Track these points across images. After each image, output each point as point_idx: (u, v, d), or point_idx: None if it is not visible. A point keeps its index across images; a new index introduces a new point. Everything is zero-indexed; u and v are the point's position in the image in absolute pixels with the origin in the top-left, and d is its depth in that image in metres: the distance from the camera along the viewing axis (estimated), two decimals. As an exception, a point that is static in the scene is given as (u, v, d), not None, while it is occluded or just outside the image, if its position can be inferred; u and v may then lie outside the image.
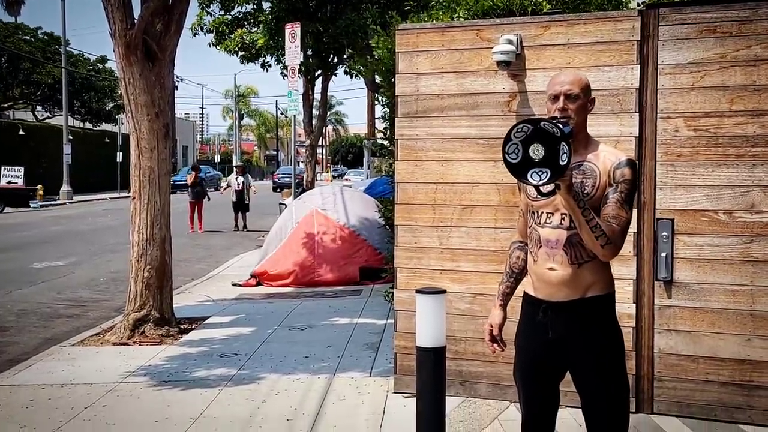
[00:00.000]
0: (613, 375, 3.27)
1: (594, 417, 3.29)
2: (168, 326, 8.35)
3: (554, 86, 3.32)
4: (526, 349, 3.42)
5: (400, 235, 5.97)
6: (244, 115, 77.93)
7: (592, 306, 3.26)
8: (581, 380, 3.31)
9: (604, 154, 3.28)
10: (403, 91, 5.93)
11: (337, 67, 23.10)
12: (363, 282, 11.82)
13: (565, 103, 3.26)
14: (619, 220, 3.15)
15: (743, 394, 5.16)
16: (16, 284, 12.41)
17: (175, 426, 5.41)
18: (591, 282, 3.25)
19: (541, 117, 2.96)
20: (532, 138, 2.93)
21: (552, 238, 3.27)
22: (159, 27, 8.32)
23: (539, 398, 3.44)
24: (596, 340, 3.26)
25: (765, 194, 5.08)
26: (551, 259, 3.27)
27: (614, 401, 3.27)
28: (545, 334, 3.32)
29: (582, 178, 3.22)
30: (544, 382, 3.41)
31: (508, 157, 2.97)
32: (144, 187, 8.33)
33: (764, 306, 5.10)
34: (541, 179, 2.92)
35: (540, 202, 3.29)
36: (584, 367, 3.28)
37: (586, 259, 3.23)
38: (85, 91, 43.92)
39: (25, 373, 6.95)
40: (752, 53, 5.08)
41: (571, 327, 3.27)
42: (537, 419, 3.46)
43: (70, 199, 34.55)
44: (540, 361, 3.38)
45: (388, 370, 6.53)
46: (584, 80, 3.35)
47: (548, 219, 3.28)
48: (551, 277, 3.28)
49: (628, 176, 3.19)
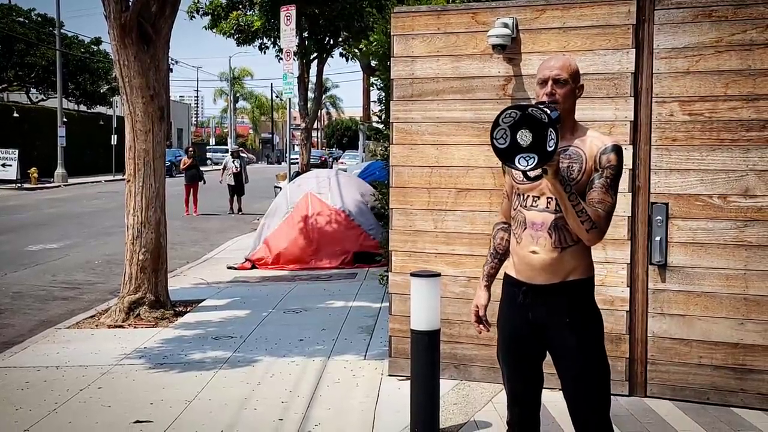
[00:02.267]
0: (594, 357, 3.29)
1: (575, 399, 3.32)
2: (163, 309, 8.36)
3: (543, 71, 3.33)
4: (507, 329, 3.44)
5: (395, 219, 5.98)
6: (239, 98, 77.67)
7: (573, 290, 3.29)
8: (561, 363, 3.33)
9: (590, 139, 3.29)
10: (399, 75, 5.92)
11: (333, 50, 23.07)
12: (358, 265, 11.84)
13: (553, 88, 3.27)
14: (604, 205, 3.17)
15: (736, 377, 5.19)
16: (10, 267, 12.40)
17: (171, 408, 5.43)
18: (572, 267, 3.27)
19: (528, 104, 2.98)
20: (519, 123, 2.95)
21: (537, 221, 3.28)
22: (154, 9, 8.28)
23: (522, 378, 3.46)
24: (576, 323, 3.28)
25: (759, 179, 5.10)
26: (535, 242, 3.29)
27: (595, 383, 3.29)
28: (526, 316, 3.35)
29: (569, 162, 3.23)
30: (526, 361, 3.43)
31: (496, 142, 3.00)
32: (139, 169, 8.31)
33: (757, 290, 5.12)
34: (529, 164, 2.95)
35: (526, 186, 3.30)
36: (564, 349, 3.30)
37: (570, 243, 3.25)
38: (79, 74, 43.64)
39: (20, 355, 6.96)
40: (747, 37, 5.08)
41: (551, 310, 3.29)
42: (521, 399, 3.48)
43: (64, 182, 34.43)
44: (521, 341, 3.40)
45: (382, 353, 6.55)
46: (573, 66, 3.36)
47: (534, 202, 3.30)
48: (533, 260, 3.29)
49: (614, 162, 3.20)
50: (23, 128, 36.42)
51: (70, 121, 38.45)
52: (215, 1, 20.10)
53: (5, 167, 31.70)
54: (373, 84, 12.29)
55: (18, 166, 31.77)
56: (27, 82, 43.27)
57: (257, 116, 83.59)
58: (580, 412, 3.32)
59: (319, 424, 5.11)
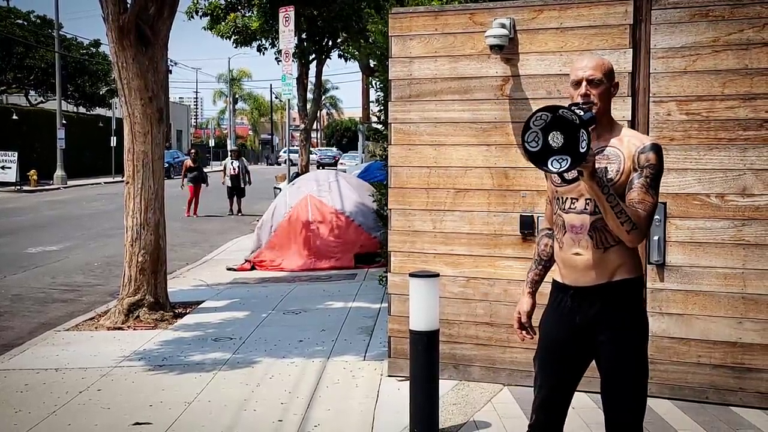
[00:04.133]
0: (637, 359, 3.23)
1: (615, 399, 3.25)
2: (162, 310, 8.37)
3: (576, 71, 3.27)
4: (552, 333, 3.37)
5: (393, 219, 5.98)
6: (238, 99, 77.59)
7: (620, 290, 3.22)
8: (606, 361, 3.25)
9: (628, 138, 3.24)
10: (397, 75, 5.93)
11: (332, 51, 23.07)
12: (358, 266, 11.84)
13: (587, 89, 3.22)
14: (645, 205, 3.10)
15: (735, 376, 5.20)
16: (10, 269, 12.40)
17: (170, 410, 5.43)
18: (617, 266, 3.20)
19: (559, 105, 2.96)
20: (551, 126, 2.91)
21: (576, 224, 3.23)
22: (152, 11, 8.28)
23: (558, 382, 3.37)
24: (624, 324, 3.22)
25: (757, 178, 5.10)
26: (576, 245, 3.23)
27: (636, 385, 3.23)
28: (573, 320, 3.28)
29: (606, 163, 3.18)
30: (567, 368, 3.35)
31: (528, 146, 2.94)
32: (138, 171, 8.31)
33: (755, 289, 5.13)
34: (562, 167, 2.90)
35: (564, 188, 3.25)
36: (610, 348, 3.22)
37: (612, 243, 3.18)
38: (78, 76, 43.63)
39: (19, 357, 6.96)
40: (744, 37, 5.09)
41: (599, 311, 3.22)
42: (550, 404, 3.40)
43: (64, 184, 34.41)
44: (564, 346, 3.32)
45: (382, 353, 6.55)
46: (607, 65, 3.30)
47: (572, 204, 3.24)
48: (577, 262, 3.24)
49: (653, 161, 3.14)
50: (22, 130, 36.42)
51: (70, 123, 38.46)
52: (214, 2, 20.10)
53: (4, 169, 31.67)
54: (372, 84, 12.30)
55: (17, 169, 31.75)
56: (26, 84, 43.28)
57: (256, 117, 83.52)
58: (618, 412, 3.25)
59: (319, 425, 5.11)
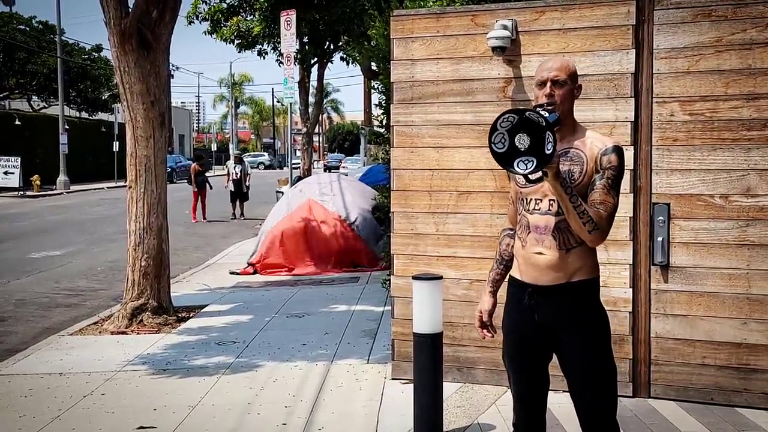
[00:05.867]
0: (600, 357, 3.28)
1: (583, 400, 3.31)
2: (166, 315, 8.37)
3: (541, 72, 3.33)
4: (513, 332, 3.44)
5: (396, 222, 5.97)
6: (240, 103, 77.65)
7: (578, 290, 3.28)
8: (568, 363, 3.32)
9: (591, 140, 3.29)
10: (399, 78, 5.92)
11: (334, 55, 23.08)
12: (360, 269, 11.83)
13: (551, 89, 3.27)
14: (606, 206, 3.16)
15: (740, 377, 5.18)
16: (13, 274, 12.41)
17: (174, 414, 5.43)
18: (577, 267, 3.27)
19: (526, 107, 2.99)
20: (517, 127, 2.95)
21: (541, 224, 3.28)
22: (154, 15, 8.29)
23: (528, 380, 3.45)
24: (582, 323, 3.28)
25: (761, 178, 5.09)
26: (540, 244, 3.28)
27: (602, 383, 3.28)
28: (532, 318, 3.34)
29: (569, 164, 3.23)
30: (532, 364, 3.42)
31: (494, 147, 3.00)
32: (140, 176, 8.32)
33: (760, 289, 5.11)
34: (528, 168, 2.95)
35: (528, 189, 3.31)
36: (571, 349, 3.29)
37: (574, 244, 3.25)
38: (80, 81, 43.69)
39: (23, 362, 6.96)
40: (747, 36, 5.07)
41: (557, 310, 3.29)
42: (527, 401, 3.47)
43: (67, 189, 34.46)
44: (527, 343, 3.39)
45: (385, 356, 6.54)
46: (571, 67, 3.36)
47: (537, 205, 3.30)
48: (539, 261, 3.29)
49: (615, 162, 3.20)
50: (25, 136, 36.46)
51: (72, 128, 38.49)
52: (215, 7, 20.12)
53: (8, 175, 31.70)
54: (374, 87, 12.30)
55: (20, 174, 31.77)
56: (28, 90, 43.34)
57: (258, 121, 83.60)
58: (587, 413, 3.31)
59: (323, 428, 5.10)
